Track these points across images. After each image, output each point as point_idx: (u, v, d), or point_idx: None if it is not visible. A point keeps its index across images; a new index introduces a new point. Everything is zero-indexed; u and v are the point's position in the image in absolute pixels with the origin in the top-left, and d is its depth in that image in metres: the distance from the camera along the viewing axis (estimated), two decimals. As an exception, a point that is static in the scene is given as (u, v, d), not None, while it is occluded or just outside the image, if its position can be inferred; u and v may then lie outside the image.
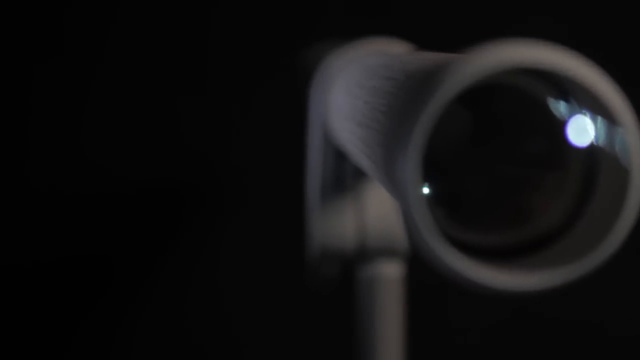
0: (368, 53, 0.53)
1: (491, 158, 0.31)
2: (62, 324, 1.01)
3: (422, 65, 0.33)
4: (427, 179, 0.30)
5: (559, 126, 0.31)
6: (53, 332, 1.01)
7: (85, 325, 1.01)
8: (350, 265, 0.58)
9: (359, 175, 0.55)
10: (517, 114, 0.30)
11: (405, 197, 0.28)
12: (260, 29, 0.99)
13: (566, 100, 0.30)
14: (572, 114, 0.31)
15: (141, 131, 0.99)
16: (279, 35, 0.98)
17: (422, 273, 0.59)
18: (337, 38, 0.85)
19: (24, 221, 0.99)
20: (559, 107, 0.30)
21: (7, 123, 0.97)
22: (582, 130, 0.30)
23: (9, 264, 0.99)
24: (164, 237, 1.01)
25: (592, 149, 0.31)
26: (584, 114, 0.30)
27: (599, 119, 0.30)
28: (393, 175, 0.30)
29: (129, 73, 0.98)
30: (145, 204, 1.00)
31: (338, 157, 0.55)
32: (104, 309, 1.00)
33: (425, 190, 0.31)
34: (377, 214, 0.56)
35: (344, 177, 0.56)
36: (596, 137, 0.30)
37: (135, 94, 0.98)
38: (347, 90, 0.46)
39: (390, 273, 0.57)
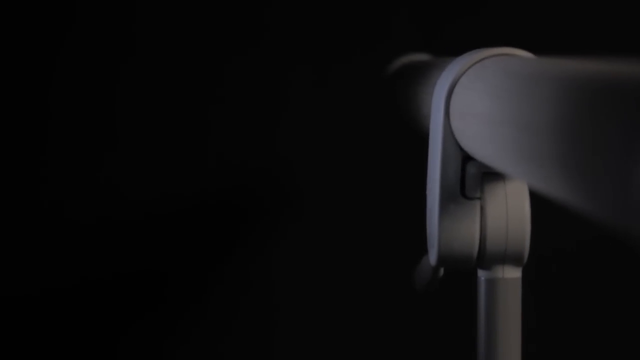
0: (492, 60, 0.54)
1: None
2: (127, 331, 1.01)
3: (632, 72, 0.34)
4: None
5: None
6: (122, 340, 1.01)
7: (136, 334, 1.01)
8: (471, 268, 0.59)
9: (482, 179, 0.56)
10: None
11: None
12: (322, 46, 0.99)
13: None
14: None
15: (206, 145, 0.99)
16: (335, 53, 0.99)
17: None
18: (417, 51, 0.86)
19: (92, 237, 0.99)
20: None
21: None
22: None
23: (83, 275, 1.00)
24: (227, 246, 1.01)
25: None
26: None
27: None
28: (627, 191, 0.30)
29: (189, 87, 0.98)
30: (209, 215, 1.01)
31: (461, 161, 0.56)
32: (164, 316, 1.01)
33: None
34: (498, 218, 0.57)
35: (466, 181, 0.57)
36: None
37: (196, 108, 0.99)
38: (493, 96, 0.47)
39: (510, 276, 0.58)
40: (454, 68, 0.56)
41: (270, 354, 1.01)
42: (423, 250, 0.63)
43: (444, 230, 0.57)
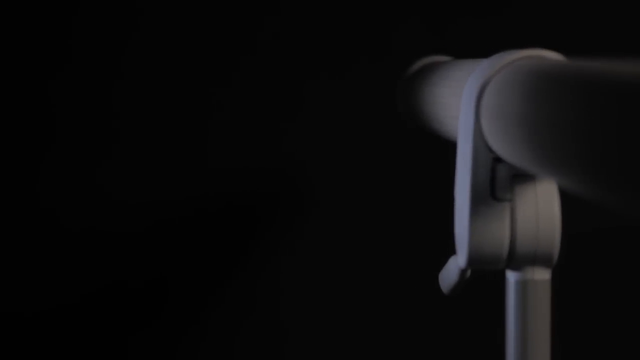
0: (523, 61, 0.54)
1: None
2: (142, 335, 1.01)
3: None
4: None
5: None
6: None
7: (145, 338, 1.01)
8: (500, 270, 0.59)
9: (512, 181, 0.57)
10: None
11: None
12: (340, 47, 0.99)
13: None
14: None
15: (210, 148, 0.99)
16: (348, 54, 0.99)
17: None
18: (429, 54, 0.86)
19: (108, 241, 0.99)
20: None
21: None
22: None
23: (115, 282, 0.99)
24: (237, 249, 1.01)
25: None
26: None
27: None
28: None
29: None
30: (217, 219, 1.01)
31: (491, 163, 0.56)
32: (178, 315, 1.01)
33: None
34: (529, 220, 0.57)
35: (496, 183, 0.57)
36: None
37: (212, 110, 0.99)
38: (527, 98, 0.47)
39: (540, 277, 0.58)
40: (484, 69, 0.56)
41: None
42: (445, 252, 0.63)
43: (474, 231, 0.57)
